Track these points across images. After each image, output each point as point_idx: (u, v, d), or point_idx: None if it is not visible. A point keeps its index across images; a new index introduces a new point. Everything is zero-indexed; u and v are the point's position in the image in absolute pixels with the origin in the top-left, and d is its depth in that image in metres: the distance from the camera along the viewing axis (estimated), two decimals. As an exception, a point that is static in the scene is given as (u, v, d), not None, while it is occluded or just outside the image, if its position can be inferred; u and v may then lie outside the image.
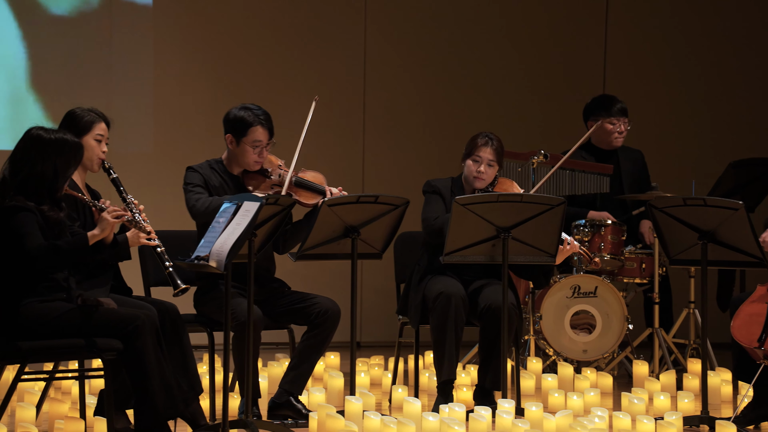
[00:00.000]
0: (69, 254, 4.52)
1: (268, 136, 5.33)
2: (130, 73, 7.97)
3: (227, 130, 5.35)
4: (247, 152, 5.31)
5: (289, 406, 5.28)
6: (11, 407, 5.34)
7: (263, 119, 5.32)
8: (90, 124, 4.98)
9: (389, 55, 8.63)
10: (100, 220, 4.61)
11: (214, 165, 5.37)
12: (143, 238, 4.78)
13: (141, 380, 4.56)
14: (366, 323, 8.32)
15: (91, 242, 4.55)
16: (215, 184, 5.31)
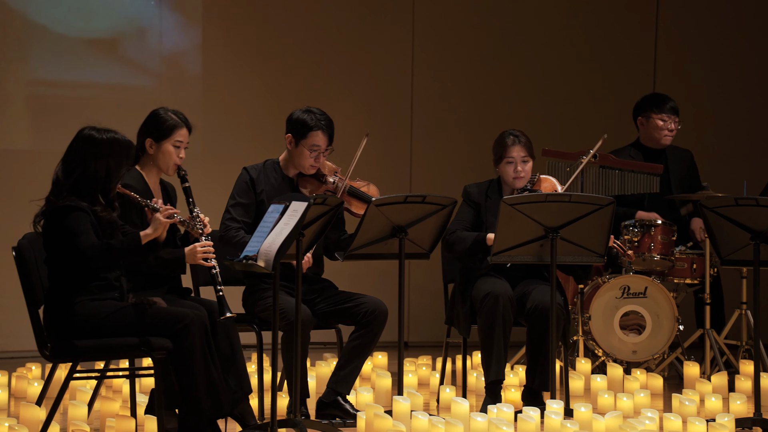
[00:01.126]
0: (122, 253, 4.56)
1: (326, 142, 5.35)
2: (178, 74, 8.03)
3: (288, 130, 5.37)
4: (304, 155, 5.34)
5: (337, 406, 5.29)
6: (63, 405, 5.41)
7: (324, 125, 5.34)
8: (171, 130, 4.99)
9: (436, 56, 8.63)
10: (152, 219, 4.64)
11: (270, 166, 5.39)
12: (200, 258, 4.79)
13: (187, 379, 4.59)
14: (413, 323, 8.32)
15: (144, 241, 4.58)
16: (267, 186, 5.33)
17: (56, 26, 7.76)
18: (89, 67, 7.83)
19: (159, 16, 7.96)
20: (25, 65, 7.67)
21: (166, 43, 7.97)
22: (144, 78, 7.94)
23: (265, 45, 8.26)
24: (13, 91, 7.64)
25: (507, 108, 8.60)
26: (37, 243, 4.70)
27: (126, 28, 7.91)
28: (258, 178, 5.34)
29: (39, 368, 6.35)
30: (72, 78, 7.78)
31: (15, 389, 6.01)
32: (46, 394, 5.20)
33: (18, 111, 7.65)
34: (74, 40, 7.81)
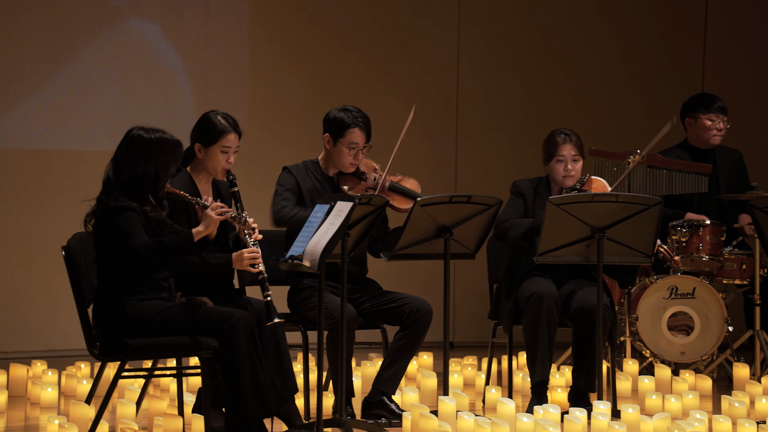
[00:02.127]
0: (175, 251, 4.59)
1: (364, 139, 5.36)
2: (225, 74, 8.09)
3: (325, 130, 5.39)
4: (342, 153, 5.35)
5: (383, 406, 5.30)
6: (112, 404, 5.46)
7: (361, 122, 5.35)
8: (219, 135, 4.98)
9: (483, 56, 8.60)
10: (204, 216, 4.66)
11: (310, 166, 5.41)
12: (247, 263, 4.81)
13: (233, 378, 4.61)
14: (459, 323, 8.31)
15: (196, 239, 4.61)
16: (309, 186, 5.35)
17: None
18: (138, 68, 7.90)
19: (206, 17, 8.02)
20: (76, 66, 7.76)
21: (213, 44, 8.02)
22: (191, 78, 8.00)
23: (310, 45, 8.29)
24: (65, 91, 7.73)
25: (553, 107, 8.56)
26: (86, 242, 4.74)
27: (174, 29, 7.97)
28: (300, 177, 5.35)
29: (88, 367, 6.42)
30: (121, 78, 7.86)
31: (65, 387, 6.08)
32: (95, 393, 5.26)
33: (69, 112, 7.74)
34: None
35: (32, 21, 7.63)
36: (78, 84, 7.74)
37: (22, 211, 7.61)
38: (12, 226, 7.58)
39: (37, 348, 7.51)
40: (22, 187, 7.64)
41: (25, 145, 7.64)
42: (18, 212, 7.61)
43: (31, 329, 7.59)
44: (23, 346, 7.52)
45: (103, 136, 7.73)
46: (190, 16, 8.00)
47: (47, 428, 4.95)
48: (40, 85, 7.66)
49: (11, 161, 7.61)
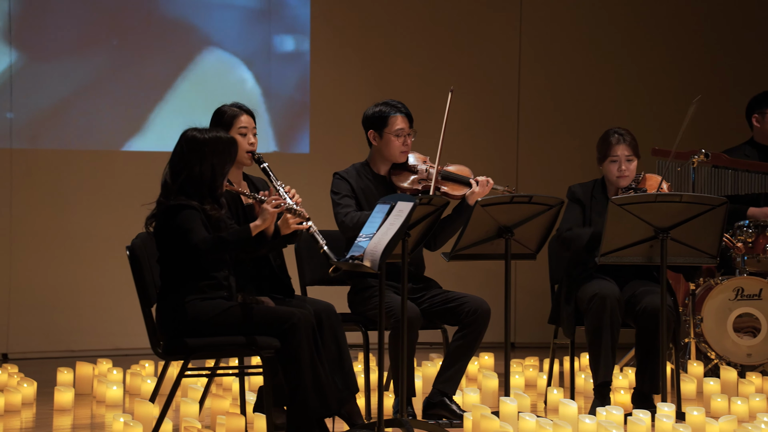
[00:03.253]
0: (234, 245, 4.62)
1: (408, 124, 5.38)
2: (286, 75, 8.13)
3: (368, 128, 5.41)
4: (391, 142, 5.36)
5: (443, 406, 5.29)
6: (176, 402, 5.52)
7: (400, 107, 5.39)
8: (232, 119, 5.07)
9: (544, 54, 8.55)
10: (261, 211, 4.69)
11: (360, 168, 5.43)
12: (293, 223, 4.80)
13: (294, 378, 4.63)
14: (520, 324, 8.26)
15: (254, 233, 4.64)
16: (362, 187, 5.36)
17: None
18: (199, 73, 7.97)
19: (268, 18, 8.07)
20: (141, 71, 7.85)
21: (275, 45, 8.07)
22: (252, 82, 8.06)
23: (371, 44, 8.30)
24: (130, 94, 7.83)
25: (615, 107, 8.48)
26: (149, 243, 4.80)
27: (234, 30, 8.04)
28: (353, 181, 5.37)
29: (152, 366, 6.50)
30: (183, 81, 7.93)
31: (129, 386, 6.16)
32: (159, 391, 5.32)
33: (134, 114, 7.84)
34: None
35: (101, 25, 7.74)
36: (143, 87, 7.83)
37: (88, 211, 7.72)
38: (78, 227, 7.70)
39: (102, 347, 7.61)
40: (88, 189, 7.75)
41: (91, 147, 7.75)
42: (84, 213, 7.72)
43: (96, 328, 7.70)
44: (89, 344, 7.63)
45: (169, 138, 7.81)
46: (253, 17, 8.05)
47: (112, 426, 5.02)
48: (106, 88, 7.76)
49: (77, 163, 7.72)
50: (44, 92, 7.63)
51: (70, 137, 7.72)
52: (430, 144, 5.46)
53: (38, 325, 7.57)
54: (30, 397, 5.83)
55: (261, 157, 5.07)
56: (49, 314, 7.60)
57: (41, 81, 7.61)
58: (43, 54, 7.61)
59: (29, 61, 7.57)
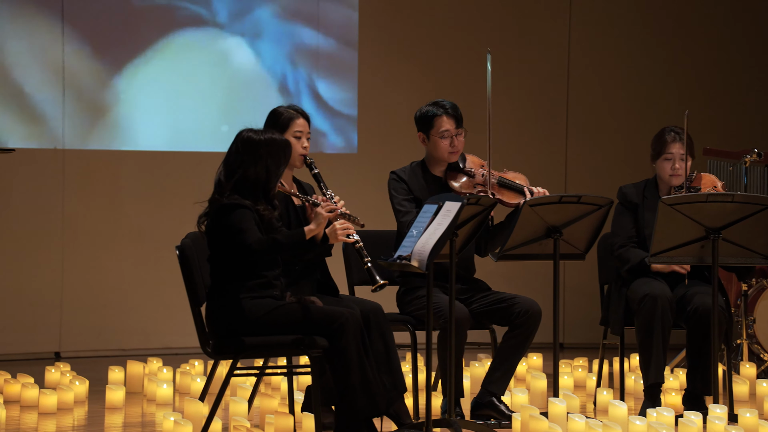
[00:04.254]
0: (287, 248, 4.64)
1: (455, 125, 5.35)
2: (335, 74, 8.15)
3: (418, 129, 5.40)
4: (438, 144, 5.35)
5: (492, 407, 5.27)
6: (225, 401, 5.55)
7: (447, 107, 5.36)
8: (288, 122, 5.10)
9: (594, 54, 8.50)
10: (315, 215, 4.71)
11: (416, 167, 5.42)
12: (341, 235, 4.83)
13: (343, 378, 4.64)
14: (569, 324, 8.22)
15: (308, 236, 4.66)
16: (417, 186, 5.36)
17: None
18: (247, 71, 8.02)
19: (317, 17, 8.09)
20: (190, 70, 7.91)
21: (322, 43, 8.09)
22: (300, 78, 8.09)
23: (418, 43, 8.30)
24: (180, 94, 7.89)
25: (665, 106, 8.40)
26: (200, 242, 4.83)
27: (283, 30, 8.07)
28: (409, 180, 5.37)
29: (202, 365, 6.54)
30: (231, 81, 7.98)
31: (179, 385, 6.21)
32: (208, 390, 5.36)
33: (185, 114, 7.90)
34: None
35: (151, 29, 7.81)
36: (193, 87, 7.89)
37: (139, 211, 7.80)
38: (129, 226, 7.77)
39: (153, 345, 7.68)
40: (139, 189, 7.82)
41: (142, 147, 7.82)
42: (135, 212, 7.80)
43: (147, 327, 7.77)
44: (140, 343, 7.71)
45: (218, 138, 7.87)
46: (302, 18, 8.08)
47: (163, 424, 5.06)
48: (157, 88, 7.83)
49: (129, 162, 7.79)
50: (96, 93, 7.71)
51: (121, 137, 7.79)
52: (480, 142, 5.44)
53: (90, 324, 7.66)
54: (82, 396, 5.90)
55: (313, 162, 5.09)
56: (101, 313, 7.69)
57: (93, 82, 7.70)
58: (96, 55, 7.69)
59: (82, 63, 7.66)
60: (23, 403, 5.72)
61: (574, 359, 6.84)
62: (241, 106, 7.92)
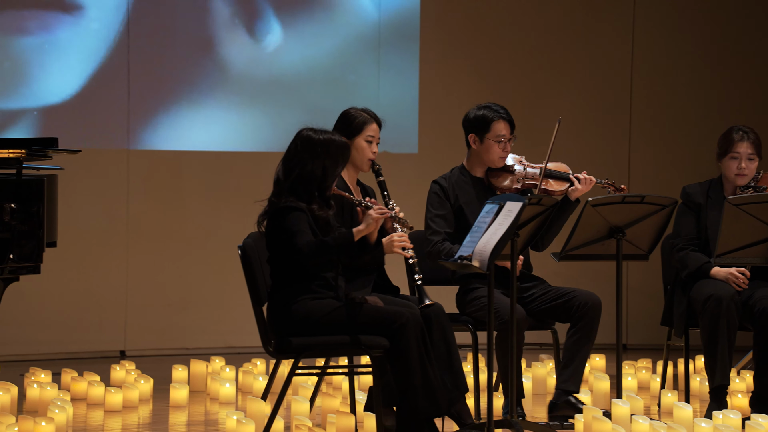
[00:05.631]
0: (336, 250, 4.66)
1: (509, 130, 5.35)
2: (396, 74, 8.15)
3: (469, 131, 5.39)
4: (491, 147, 5.34)
5: (568, 405, 5.23)
6: (287, 400, 5.59)
7: (503, 113, 5.35)
8: (362, 125, 5.12)
9: (657, 52, 8.40)
10: (365, 217, 4.73)
11: (457, 171, 5.43)
12: (397, 248, 4.84)
13: (404, 378, 4.64)
14: (632, 325, 8.14)
15: (356, 238, 4.67)
16: (459, 191, 5.34)
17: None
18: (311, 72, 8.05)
19: (378, 18, 8.10)
20: (249, 72, 7.96)
21: (384, 45, 8.10)
22: (361, 83, 8.10)
23: (480, 45, 8.27)
24: (241, 95, 7.95)
25: (731, 106, 8.28)
26: (261, 242, 4.86)
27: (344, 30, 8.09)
28: (449, 187, 5.36)
29: (264, 364, 6.58)
30: (293, 81, 8.02)
31: (242, 384, 6.25)
32: (270, 389, 5.39)
33: (245, 114, 7.96)
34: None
35: (213, 37, 7.88)
36: (252, 88, 7.95)
37: (201, 211, 7.87)
38: (192, 226, 7.85)
39: (215, 345, 7.75)
40: (200, 188, 7.89)
41: (204, 147, 7.90)
42: (197, 212, 7.87)
43: (210, 326, 7.83)
44: (203, 342, 7.78)
45: (279, 138, 7.92)
46: (363, 17, 8.10)
47: (226, 423, 5.10)
48: (217, 89, 7.90)
49: (191, 163, 7.87)
50: (160, 94, 7.80)
51: (184, 138, 7.87)
52: (539, 149, 5.42)
53: (154, 323, 7.74)
54: (147, 394, 5.97)
55: (380, 170, 5.10)
56: (164, 312, 7.77)
57: (157, 83, 7.79)
58: (159, 57, 7.78)
59: (146, 64, 7.75)
60: (90, 401, 5.81)
61: (637, 360, 6.78)
62: (301, 104, 7.95)
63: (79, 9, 7.61)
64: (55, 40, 7.55)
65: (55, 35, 7.56)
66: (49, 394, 5.48)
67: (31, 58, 7.50)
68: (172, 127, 7.86)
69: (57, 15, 7.56)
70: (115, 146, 7.71)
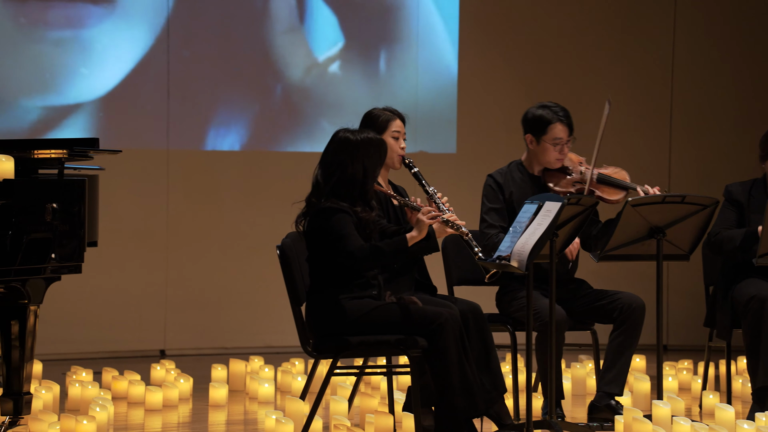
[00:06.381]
0: (390, 256, 4.65)
1: (568, 133, 5.30)
2: (434, 74, 8.14)
3: (527, 130, 5.35)
4: (548, 150, 5.30)
5: (609, 408, 5.19)
6: (325, 400, 5.59)
7: (562, 116, 5.29)
8: (386, 123, 5.11)
9: (698, 49, 8.33)
10: (417, 222, 4.69)
11: (515, 167, 5.38)
12: (449, 228, 4.82)
13: (442, 378, 4.63)
14: (673, 326, 8.07)
15: (410, 244, 4.66)
16: (515, 188, 5.31)
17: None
18: (345, 73, 8.06)
19: (416, 18, 8.10)
20: (285, 72, 7.99)
21: (422, 45, 8.10)
22: (398, 82, 8.10)
23: (519, 45, 8.24)
24: (278, 96, 7.98)
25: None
26: (299, 242, 4.87)
27: (381, 30, 8.10)
28: (504, 182, 5.33)
29: (302, 363, 6.60)
30: (330, 81, 8.04)
31: (280, 383, 6.27)
32: (309, 389, 5.40)
33: (282, 114, 7.98)
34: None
35: (252, 36, 7.91)
36: (290, 89, 7.97)
37: (239, 210, 7.90)
38: (230, 226, 7.88)
39: (254, 344, 7.78)
40: (239, 188, 7.93)
41: (241, 147, 7.93)
42: (235, 212, 7.90)
43: (248, 326, 7.87)
44: (242, 342, 7.81)
45: (315, 138, 7.93)
46: (402, 15, 8.09)
47: (264, 422, 5.12)
48: (255, 91, 7.93)
49: (229, 162, 7.91)
50: (199, 94, 7.84)
51: (222, 138, 7.91)
52: (581, 147, 5.38)
53: (193, 323, 7.79)
54: (186, 393, 6.00)
55: (412, 162, 5.09)
56: (204, 312, 7.81)
57: (196, 83, 7.83)
58: (198, 56, 7.82)
59: (185, 64, 7.79)
60: (130, 400, 5.85)
61: (678, 361, 6.72)
62: (338, 106, 7.96)
63: (119, 6, 7.66)
64: (96, 35, 7.60)
65: (96, 31, 7.61)
66: (90, 393, 5.53)
67: (71, 54, 7.56)
68: (211, 126, 7.90)
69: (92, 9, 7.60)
70: (155, 146, 7.76)
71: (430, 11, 8.14)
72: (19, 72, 7.49)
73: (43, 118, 7.54)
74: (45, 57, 7.52)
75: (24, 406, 4.63)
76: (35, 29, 7.50)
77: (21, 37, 7.47)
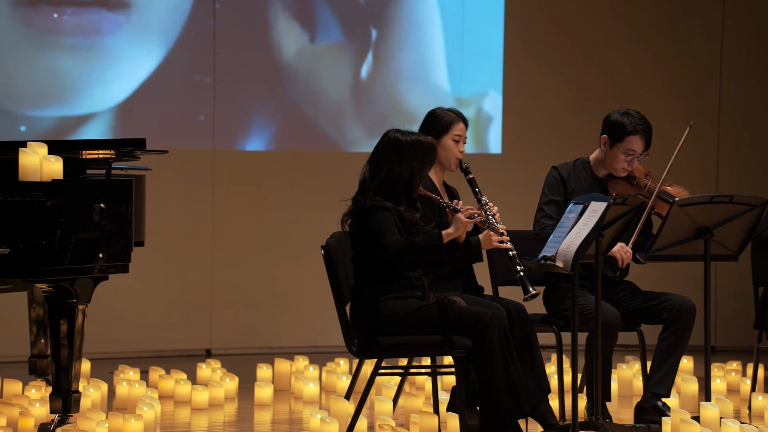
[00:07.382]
0: (424, 251, 4.66)
1: (643, 147, 5.22)
2: (479, 74, 8.12)
3: (604, 131, 5.28)
4: (617, 158, 5.24)
5: (656, 410, 5.15)
6: (370, 400, 5.60)
7: (642, 129, 5.21)
8: (449, 125, 5.10)
9: (747, 51, 8.24)
10: (454, 220, 4.71)
11: (580, 165, 5.33)
12: (495, 241, 4.82)
13: (487, 379, 4.62)
14: (721, 327, 7.99)
15: (445, 240, 4.66)
16: (576, 185, 5.26)
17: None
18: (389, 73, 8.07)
19: (461, 18, 8.08)
20: (330, 72, 8.01)
21: (468, 45, 8.08)
22: (444, 80, 8.10)
23: (565, 45, 8.20)
24: (321, 96, 8.00)
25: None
26: (344, 242, 4.88)
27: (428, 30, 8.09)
28: (568, 177, 5.28)
29: (347, 363, 6.61)
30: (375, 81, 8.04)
31: (325, 383, 6.29)
32: (353, 389, 5.41)
33: (328, 114, 8.00)
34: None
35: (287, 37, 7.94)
36: (336, 89, 7.99)
37: (284, 210, 7.93)
38: (274, 226, 7.92)
39: (299, 344, 7.80)
40: (284, 188, 7.96)
41: (285, 147, 7.96)
42: (280, 212, 7.94)
43: (293, 326, 7.89)
44: (287, 341, 7.84)
45: (360, 138, 7.94)
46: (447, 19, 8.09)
47: (310, 422, 5.13)
48: (298, 90, 7.96)
49: (273, 162, 7.94)
50: (242, 95, 7.88)
51: (268, 138, 7.95)
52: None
53: (239, 322, 7.83)
54: (232, 392, 6.04)
55: (468, 167, 5.08)
56: (249, 312, 7.85)
57: (242, 83, 7.87)
58: (244, 59, 7.86)
59: (229, 66, 7.84)
60: (177, 399, 5.90)
61: (726, 363, 6.65)
62: (383, 105, 7.96)
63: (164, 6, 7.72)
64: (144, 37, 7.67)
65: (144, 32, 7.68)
66: (137, 392, 5.58)
67: (115, 55, 7.63)
68: (256, 126, 7.94)
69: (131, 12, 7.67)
70: (201, 146, 7.81)
71: (476, 13, 8.11)
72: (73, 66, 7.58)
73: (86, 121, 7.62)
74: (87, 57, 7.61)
75: (73, 405, 4.68)
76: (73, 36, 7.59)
77: (43, 44, 7.56)
